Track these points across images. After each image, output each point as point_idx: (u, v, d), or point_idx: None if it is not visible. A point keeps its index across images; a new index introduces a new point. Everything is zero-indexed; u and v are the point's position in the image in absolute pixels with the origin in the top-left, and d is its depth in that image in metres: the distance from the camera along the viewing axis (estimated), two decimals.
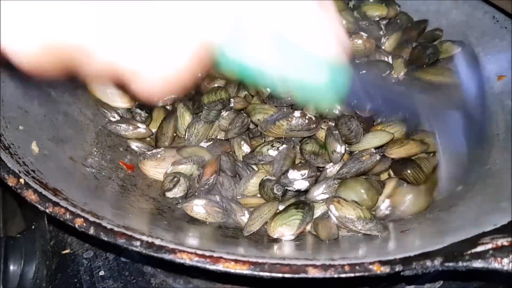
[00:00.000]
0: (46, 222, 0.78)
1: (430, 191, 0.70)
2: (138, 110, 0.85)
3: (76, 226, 0.50)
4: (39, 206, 0.52)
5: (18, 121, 0.68)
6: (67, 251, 0.75)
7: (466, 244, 0.52)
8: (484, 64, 0.92)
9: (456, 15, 1.01)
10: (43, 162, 0.63)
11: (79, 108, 0.81)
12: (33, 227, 0.90)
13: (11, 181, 0.54)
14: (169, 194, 0.71)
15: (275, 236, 0.66)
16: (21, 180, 0.54)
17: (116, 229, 0.50)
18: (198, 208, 0.68)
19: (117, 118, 0.83)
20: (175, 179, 0.72)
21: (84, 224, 0.50)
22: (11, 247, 0.80)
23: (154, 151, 0.79)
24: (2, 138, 0.61)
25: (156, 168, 0.77)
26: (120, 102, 0.84)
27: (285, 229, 0.65)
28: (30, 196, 0.53)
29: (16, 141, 0.63)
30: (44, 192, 0.53)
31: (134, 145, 0.82)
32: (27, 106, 0.73)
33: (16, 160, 0.59)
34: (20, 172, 0.56)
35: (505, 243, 0.49)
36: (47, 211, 0.51)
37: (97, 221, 0.51)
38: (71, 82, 0.79)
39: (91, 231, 0.50)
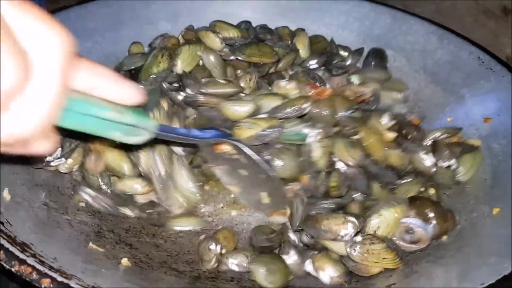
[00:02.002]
0: None
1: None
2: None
3: (43, 287, 0.47)
4: (4, 265, 0.49)
5: None
6: None
7: None
8: (470, 106, 0.91)
9: (442, 55, 1.01)
10: (14, 211, 0.61)
11: None
12: None
13: None
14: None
15: (317, 267, 0.66)
16: None
17: None
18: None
19: None
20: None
21: (51, 285, 0.48)
22: None
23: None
24: None
25: None
26: None
27: (331, 268, 0.66)
28: None
29: None
30: (11, 248, 0.51)
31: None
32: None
33: None
34: None
35: None
36: (13, 270, 0.49)
37: (65, 281, 0.48)
38: None
39: None
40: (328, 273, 0.65)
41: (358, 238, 0.65)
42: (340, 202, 0.73)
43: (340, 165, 0.75)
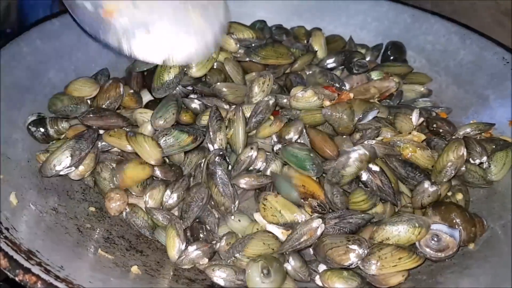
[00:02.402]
0: None
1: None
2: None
3: None
4: (8, 273, 0.47)
5: None
6: None
7: None
8: (495, 108, 0.87)
9: (464, 55, 0.97)
10: (20, 216, 0.59)
11: None
12: None
13: None
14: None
15: (327, 285, 0.61)
16: None
17: None
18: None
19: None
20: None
21: None
22: None
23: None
24: None
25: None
26: None
27: (342, 285, 0.61)
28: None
29: None
30: (16, 256, 0.49)
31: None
32: (10, 151, 0.69)
33: None
34: None
35: None
36: (16, 279, 0.46)
37: None
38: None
39: None
40: None
41: (366, 252, 0.62)
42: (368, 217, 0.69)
43: (365, 176, 0.71)
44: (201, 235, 0.69)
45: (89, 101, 0.82)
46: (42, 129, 0.75)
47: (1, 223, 0.54)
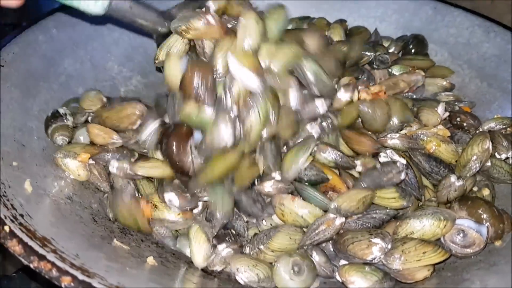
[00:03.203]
0: None
1: None
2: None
3: (63, 286, 0.44)
4: (23, 260, 0.46)
5: (13, 156, 0.63)
6: None
7: None
8: None
9: (488, 48, 0.94)
10: (35, 204, 0.57)
11: None
12: None
13: None
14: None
15: (344, 279, 0.59)
16: (6, 228, 0.48)
17: None
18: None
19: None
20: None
21: (72, 284, 0.44)
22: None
23: None
24: None
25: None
26: None
27: (360, 279, 0.58)
28: (14, 247, 0.47)
29: (8, 180, 0.58)
30: (30, 243, 0.47)
31: None
32: (24, 139, 0.68)
33: (3, 202, 0.53)
34: (6, 217, 0.50)
35: None
36: (31, 266, 0.45)
37: (87, 280, 0.44)
38: None
39: None
40: (359, 284, 0.58)
41: (389, 246, 0.60)
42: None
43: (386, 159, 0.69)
44: (228, 239, 0.65)
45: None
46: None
47: (15, 209, 0.53)
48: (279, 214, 0.66)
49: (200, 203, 0.67)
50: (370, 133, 0.73)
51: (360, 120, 0.74)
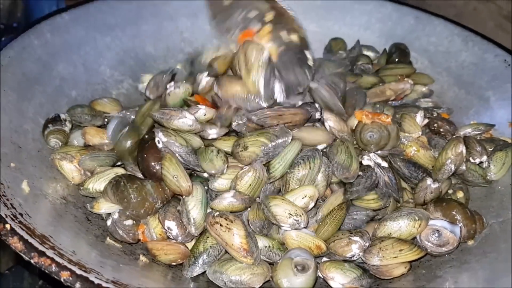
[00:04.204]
0: None
1: None
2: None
3: (62, 280, 0.47)
4: (23, 256, 0.48)
5: (10, 157, 0.65)
6: None
7: None
8: (495, 110, 0.89)
9: (466, 57, 0.99)
10: (33, 203, 0.60)
11: None
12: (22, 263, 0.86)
13: None
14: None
15: (325, 275, 0.62)
16: (7, 226, 0.51)
17: (104, 284, 0.46)
18: None
19: None
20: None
21: (71, 278, 0.47)
22: None
23: None
24: None
25: None
26: None
27: (339, 275, 0.62)
28: (15, 244, 0.49)
29: (6, 180, 0.60)
30: (31, 240, 0.50)
31: None
32: (21, 141, 0.70)
33: (3, 202, 0.56)
34: (6, 216, 0.53)
35: None
36: (32, 261, 0.48)
37: (84, 274, 0.47)
38: None
39: (77, 285, 0.47)
40: (338, 281, 0.62)
41: (367, 244, 0.64)
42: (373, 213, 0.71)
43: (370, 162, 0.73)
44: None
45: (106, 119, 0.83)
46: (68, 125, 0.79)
47: (15, 208, 0.55)
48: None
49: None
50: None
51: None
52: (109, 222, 0.65)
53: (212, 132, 0.73)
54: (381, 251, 0.63)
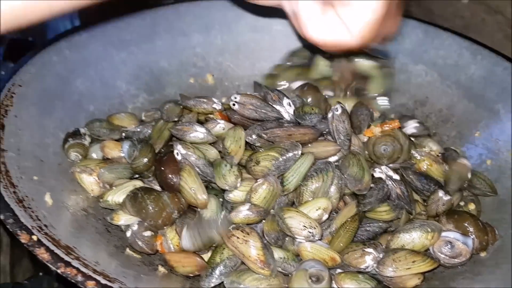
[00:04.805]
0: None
1: None
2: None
3: None
4: (50, 266, 0.50)
5: (33, 171, 0.68)
6: None
7: None
8: (505, 122, 0.90)
9: (475, 70, 1.00)
10: (56, 216, 0.62)
11: None
12: (40, 273, 0.88)
13: (23, 238, 0.53)
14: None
15: (340, 286, 0.63)
16: (34, 237, 0.53)
17: None
18: None
19: None
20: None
21: None
22: None
23: None
24: (16, 190, 0.60)
25: None
26: None
27: (354, 286, 0.63)
28: (42, 255, 0.51)
29: (30, 193, 0.62)
30: (57, 251, 0.52)
31: None
32: (42, 155, 0.72)
33: (29, 214, 0.58)
34: (33, 227, 0.55)
35: None
36: (58, 271, 0.50)
37: (109, 284, 0.49)
38: None
39: None
40: None
41: (381, 255, 0.65)
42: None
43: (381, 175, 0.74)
44: None
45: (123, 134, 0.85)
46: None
47: (40, 220, 0.57)
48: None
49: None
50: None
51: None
52: (128, 234, 0.67)
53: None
54: (395, 263, 0.64)
